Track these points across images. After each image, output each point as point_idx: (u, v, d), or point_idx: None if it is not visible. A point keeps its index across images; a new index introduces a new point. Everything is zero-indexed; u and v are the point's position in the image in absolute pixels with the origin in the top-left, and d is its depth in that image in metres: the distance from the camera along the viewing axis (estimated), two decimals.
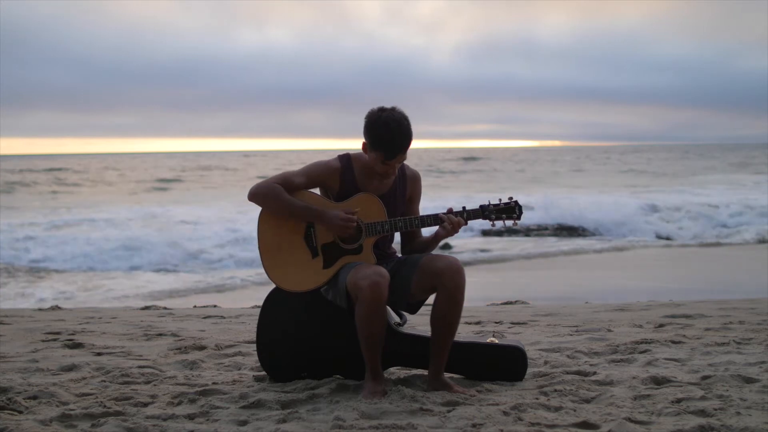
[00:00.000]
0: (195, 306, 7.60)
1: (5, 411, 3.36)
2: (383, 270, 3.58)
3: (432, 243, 3.83)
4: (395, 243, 3.97)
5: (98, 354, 4.69)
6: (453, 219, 3.71)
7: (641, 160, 61.40)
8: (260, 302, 4.03)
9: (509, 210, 3.81)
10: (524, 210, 3.87)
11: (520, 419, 3.20)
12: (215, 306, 7.54)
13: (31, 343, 5.00)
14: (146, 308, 7.39)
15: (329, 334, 3.90)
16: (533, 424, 3.13)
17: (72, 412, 3.31)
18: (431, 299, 3.73)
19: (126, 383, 3.91)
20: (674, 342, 4.73)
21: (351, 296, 3.62)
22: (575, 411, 3.30)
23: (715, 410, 3.23)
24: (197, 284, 11.55)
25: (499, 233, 17.00)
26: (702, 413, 3.22)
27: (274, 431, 3.11)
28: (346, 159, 3.81)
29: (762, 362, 4.08)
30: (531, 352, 4.45)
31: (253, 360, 4.41)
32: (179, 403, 3.52)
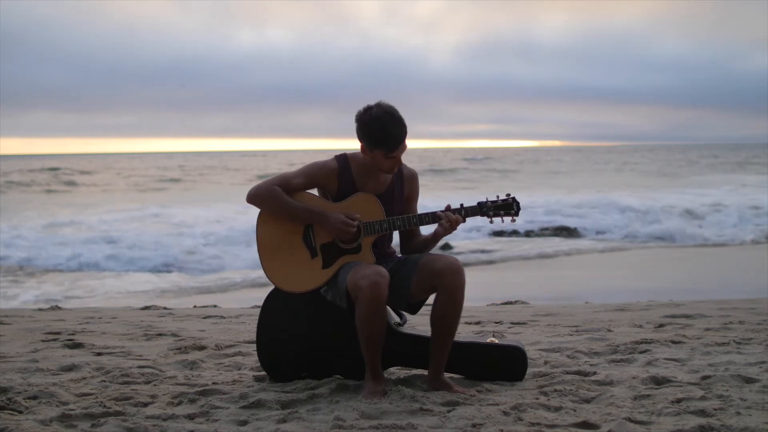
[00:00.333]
0: (195, 306, 7.59)
1: (5, 411, 3.36)
2: (383, 270, 3.58)
3: (431, 242, 3.82)
4: (395, 243, 3.97)
5: (98, 354, 4.69)
6: (451, 216, 3.70)
7: (642, 160, 61.37)
8: (260, 302, 4.03)
9: (507, 206, 3.79)
10: (524, 210, 3.85)
11: (520, 419, 3.20)
12: (215, 306, 7.53)
13: (31, 343, 5.00)
14: (146, 308, 7.38)
15: (329, 334, 3.89)
16: (533, 424, 3.13)
17: (72, 412, 3.31)
18: (431, 299, 3.72)
19: (126, 383, 3.90)
20: (674, 342, 4.73)
21: (351, 296, 3.61)
22: (575, 411, 3.30)
23: (715, 410, 3.23)
24: (197, 284, 11.55)
25: (500, 233, 16.99)
26: (702, 413, 3.22)
27: (274, 431, 3.11)
28: (343, 159, 3.80)
29: (762, 362, 4.08)
30: (531, 352, 4.45)
31: (253, 360, 4.41)
32: (179, 403, 3.52)
